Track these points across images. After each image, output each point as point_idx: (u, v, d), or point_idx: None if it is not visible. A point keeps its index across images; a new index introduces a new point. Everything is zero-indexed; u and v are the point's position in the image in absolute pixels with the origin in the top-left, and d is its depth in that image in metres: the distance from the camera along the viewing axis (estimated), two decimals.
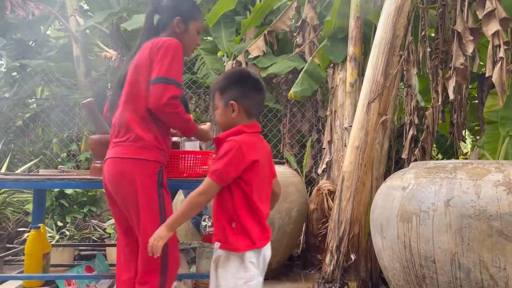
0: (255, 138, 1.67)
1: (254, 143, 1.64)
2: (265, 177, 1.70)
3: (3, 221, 4.28)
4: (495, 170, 2.24)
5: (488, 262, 2.08)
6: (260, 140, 1.71)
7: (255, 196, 1.62)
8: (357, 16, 4.06)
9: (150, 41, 1.86)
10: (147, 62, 1.81)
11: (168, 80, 1.74)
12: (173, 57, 1.78)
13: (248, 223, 1.61)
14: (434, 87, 3.57)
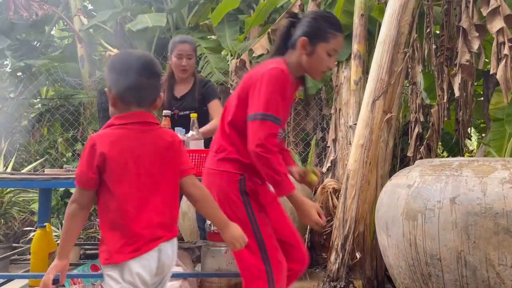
0: (123, 131, 1.40)
1: (113, 136, 1.38)
2: (141, 176, 1.39)
3: (9, 220, 4.30)
4: (501, 167, 2.22)
5: (495, 260, 2.07)
6: (136, 133, 1.41)
7: (123, 199, 1.36)
8: (361, 14, 4.05)
9: (256, 68, 1.82)
10: (245, 91, 1.74)
11: (265, 116, 1.64)
12: (273, 89, 1.66)
13: (105, 231, 1.39)
14: (439, 84, 3.55)
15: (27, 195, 4.39)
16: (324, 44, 1.77)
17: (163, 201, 1.43)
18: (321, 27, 1.78)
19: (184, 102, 2.97)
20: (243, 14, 5.86)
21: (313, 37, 1.77)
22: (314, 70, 1.82)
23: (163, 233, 1.43)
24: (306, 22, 1.82)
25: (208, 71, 5.34)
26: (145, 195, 1.39)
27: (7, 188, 4.05)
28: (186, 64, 2.91)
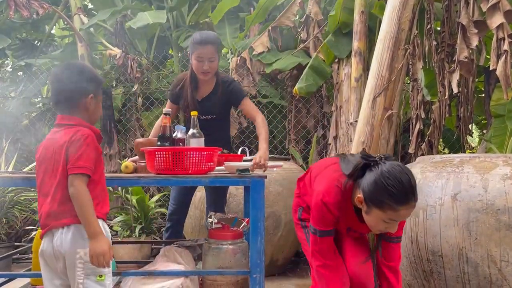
0: (49, 133, 1.74)
1: (46, 138, 1.72)
2: (41, 169, 1.70)
3: (11, 219, 4.31)
4: (502, 163, 2.22)
5: (496, 256, 2.06)
6: (52, 134, 1.72)
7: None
8: (362, 11, 4.04)
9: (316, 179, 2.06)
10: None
11: (314, 231, 1.91)
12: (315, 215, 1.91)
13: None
14: (440, 81, 3.54)
15: (28, 194, 4.40)
16: (379, 211, 1.67)
17: (47, 193, 1.67)
18: (380, 195, 1.65)
19: (205, 106, 2.80)
20: (243, 12, 5.85)
21: (369, 199, 1.69)
22: (370, 226, 1.78)
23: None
24: (370, 178, 1.69)
25: None
26: (46, 187, 1.70)
27: (8, 187, 4.06)
28: (208, 68, 2.69)
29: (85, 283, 1.58)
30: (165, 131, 2.30)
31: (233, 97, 2.84)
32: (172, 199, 3.01)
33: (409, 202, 1.65)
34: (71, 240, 1.59)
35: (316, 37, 4.73)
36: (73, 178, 1.58)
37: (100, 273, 1.62)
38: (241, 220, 2.48)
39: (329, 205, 1.81)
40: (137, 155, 2.52)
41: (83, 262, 1.58)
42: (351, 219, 1.89)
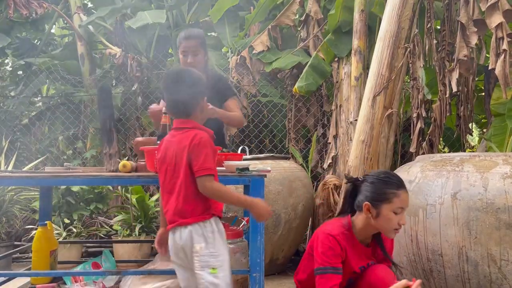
0: (168, 135, 1.86)
1: (164, 140, 1.86)
2: (163, 169, 1.83)
3: (11, 219, 4.31)
4: (502, 162, 2.21)
5: (496, 255, 2.06)
6: (171, 136, 1.84)
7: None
8: (362, 9, 4.03)
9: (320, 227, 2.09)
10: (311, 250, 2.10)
11: (323, 270, 1.93)
12: (321, 250, 1.94)
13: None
14: (441, 80, 3.54)
15: (28, 193, 4.39)
16: (387, 205, 1.86)
17: (170, 191, 1.80)
18: (381, 190, 1.88)
19: None
20: (243, 10, 5.84)
21: (375, 200, 1.88)
22: (385, 230, 1.92)
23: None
24: (366, 187, 1.93)
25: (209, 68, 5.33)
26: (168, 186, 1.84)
27: (8, 186, 4.05)
28: (192, 61, 2.76)
29: (201, 274, 1.71)
30: (164, 130, 2.30)
31: (221, 93, 2.83)
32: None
33: (403, 186, 1.90)
34: (189, 236, 1.73)
35: (316, 36, 4.73)
36: (203, 180, 1.71)
37: (213, 267, 1.72)
38: (240, 219, 2.48)
39: (336, 236, 1.91)
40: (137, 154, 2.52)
41: (199, 256, 1.72)
42: (361, 251, 1.97)
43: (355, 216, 1.99)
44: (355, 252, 1.95)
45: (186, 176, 1.74)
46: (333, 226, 1.98)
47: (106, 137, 4.90)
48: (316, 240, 1.96)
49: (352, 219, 1.98)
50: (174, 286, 2.17)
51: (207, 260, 1.71)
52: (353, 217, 1.98)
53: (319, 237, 1.95)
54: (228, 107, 2.78)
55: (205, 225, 1.74)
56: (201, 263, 1.72)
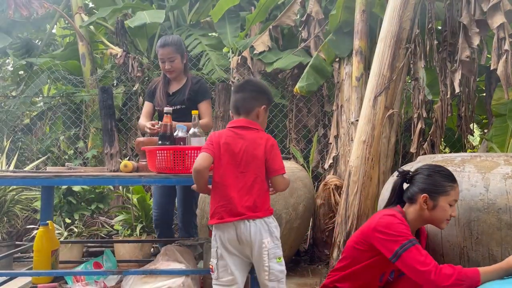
0: (226, 131, 2.02)
1: (220, 133, 2.01)
2: (223, 161, 1.94)
3: (12, 218, 4.31)
4: (504, 163, 2.21)
5: (498, 255, 2.06)
6: (233, 132, 1.99)
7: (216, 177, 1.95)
8: (363, 10, 4.03)
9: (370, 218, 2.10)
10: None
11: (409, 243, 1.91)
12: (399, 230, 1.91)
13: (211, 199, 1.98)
14: (442, 80, 3.54)
15: (29, 193, 4.40)
16: (445, 197, 1.93)
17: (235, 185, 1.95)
18: (439, 183, 1.94)
19: (175, 98, 3.03)
20: (244, 10, 5.85)
21: (433, 192, 1.93)
22: (438, 221, 1.96)
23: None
24: (422, 179, 1.97)
25: (210, 68, 5.33)
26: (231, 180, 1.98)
27: (9, 186, 4.06)
28: (169, 67, 2.96)
29: (270, 265, 1.93)
30: (166, 130, 2.31)
31: (198, 94, 3.03)
32: (154, 205, 3.08)
33: (456, 180, 1.98)
34: (258, 230, 1.91)
35: (317, 36, 4.73)
36: (282, 177, 2.00)
37: (278, 256, 1.95)
38: None
39: (401, 219, 1.91)
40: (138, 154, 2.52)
41: (267, 249, 1.91)
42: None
43: (405, 207, 2.00)
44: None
45: (262, 173, 1.94)
46: (391, 212, 1.95)
47: (107, 137, 4.91)
48: (379, 226, 1.88)
49: (401, 209, 1.99)
50: (176, 286, 2.17)
51: (274, 252, 1.93)
52: (404, 208, 2.00)
53: (384, 221, 1.89)
54: (200, 109, 2.97)
55: (270, 220, 1.96)
56: (269, 255, 1.92)
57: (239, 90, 2.08)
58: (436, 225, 1.99)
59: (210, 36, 5.92)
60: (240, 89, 2.08)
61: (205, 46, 5.54)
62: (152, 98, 3.11)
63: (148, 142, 2.44)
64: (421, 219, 1.97)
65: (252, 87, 2.08)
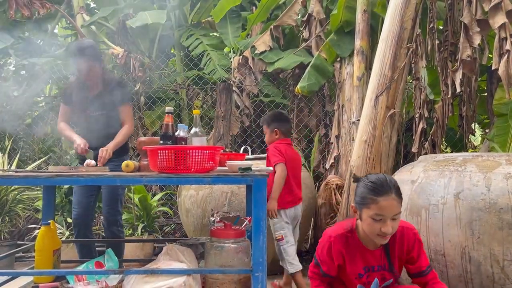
0: (286, 146, 2.98)
1: (283, 145, 2.95)
2: (289, 166, 2.89)
3: (14, 218, 4.32)
4: (505, 162, 2.21)
5: (499, 255, 2.06)
6: (288, 146, 2.99)
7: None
8: (364, 10, 4.03)
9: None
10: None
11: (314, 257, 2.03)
12: (319, 245, 2.00)
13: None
14: (443, 80, 3.54)
15: (31, 193, 4.41)
16: (366, 210, 1.79)
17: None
18: (362, 194, 1.81)
19: (95, 103, 2.93)
20: (245, 10, 5.85)
21: (357, 203, 1.84)
22: (369, 234, 1.82)
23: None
24: (356, 189, 1.88)
25: (211, 68, 5.33)
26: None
27: (11, 185, 4.07)
28: (89, 76, 2.89)
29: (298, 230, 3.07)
30: (167, 130, 2.31)
31: (117, 97, 2.95)
32: (74, 204, 3.00)
33: (388, 193, 1.75)
34: (301, 210, 3.04)
35: (318, 36, 4.73)
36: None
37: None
38: (243, 218, 2.48)
39: (332, 238, 1.91)
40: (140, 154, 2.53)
41: (299, 220, 3.04)
42: (365, 253, 1.92)
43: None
44: (357, 253, 1.92)
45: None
46: (336, 228, 1.98)
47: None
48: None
49: (357, 221, 1.93)
50: (177, 285, 2.17)
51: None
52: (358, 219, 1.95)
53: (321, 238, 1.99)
54: (121, 113, 2.97)
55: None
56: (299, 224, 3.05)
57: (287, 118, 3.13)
58: (372, 239, 1.84)
59: (212, 36, 5.93)
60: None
61: (207, 46, 5.54)
62: (69, 101, 3.00)
63: (150, 141, 2.44)
64: (364, 231, 1.86)
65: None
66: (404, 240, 1.89)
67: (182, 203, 3.77)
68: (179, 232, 4.75)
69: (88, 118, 2.93)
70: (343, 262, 1.92)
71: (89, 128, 2.92)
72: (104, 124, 2.91)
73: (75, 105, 2.96)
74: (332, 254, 1.91)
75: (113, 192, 3.02)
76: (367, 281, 1.92)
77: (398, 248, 1.89)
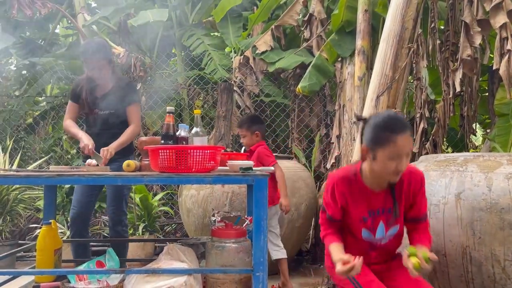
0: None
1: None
2: None
3: (15, 217, 4.33)
4: (506, 162, 2.21)
5: (500, 255, 2.06)
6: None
7: None
8: (365, 9, 4.02)
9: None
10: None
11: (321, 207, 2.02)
12: (325, 191, 1.98)
13: None
14: (444, 80, 3.53)
15: (32, 192, 4.42)
16: (381, 149, 1.74)
17: None
18: (376, 134, 1.77)
19: (104, 102, 2.93)
20: (246, 10, 5.85)
21: (371, 143, 1.78)
22: (382, 174, 1.81)
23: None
24: (367, 129, 1.83)
25: (212, 68, 5.34)
26: None
27: (12, 185, 4.07)
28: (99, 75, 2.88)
29: None
30: (168, 130, 2.31)
31: (127, 97, 2.95)
32: (74, 202, 2.98)
33: (404, 130, 1.73)
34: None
35: (319, 36, 4.73)
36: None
37: None
38: (244, 218, 2.48)
39: (336, 179, 1.90)
40: (141, 154, 2.53)
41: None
42: (369, 196, 1.89)
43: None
44: (361, 196, 1.89)
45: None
46: (340, 170, 2.00)
47: None
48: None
49: (363, 163, 1.90)
50: (178, 285, 2.18)
51: None
52: (363, 162, 1.90)
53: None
54: (129, 112, 2.95)
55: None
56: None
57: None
58: (385, 178, 1.83)
59: (213, 36, 5.93)
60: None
61: (208, 46, 5.54)
62: (77, 98, 2.99)
63: (151, 141, 2.44)
64: (373, 172, 1.84)
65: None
66: (412, 182, 1.88)
67: (183, 202, 3.77)
68: (180, 232, 4.76)
69: (96, 117, 2.94)
70: (346, 204, 1.90)
71: (97, 126, 2.93)
72: (112, 123, 2.92)
73: (83, 103, 2.96)
74: (335, 196, 1.90)
75: (118, 192, 3.02)
76: (372, 226, 1.91)
77: (405, 191, 1.89)
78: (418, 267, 1.68)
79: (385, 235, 1.92)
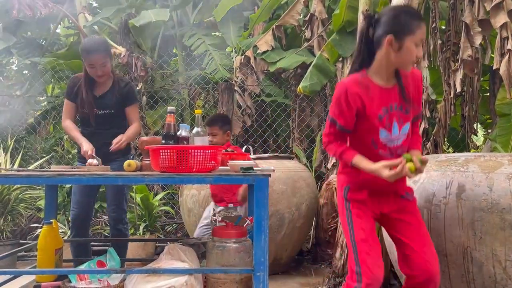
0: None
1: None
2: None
3: (16, 217, 4.33)
4: (507, 162, 2.21)
5: (501, 255, 2.06)
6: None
7: None
8: (366, 9, 4.02)
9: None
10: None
11: (328, 117, 2.01)
12: (334, 98, 1.96)
13: None
14: (446, 80, 3.53)
15: (33, 192, 4.42)
16: (410, 36, 1.82)
17: None
18: (405, 21, 1.83)
19: (103, 101, 2.92)
20: (247, 10, 5.85)
21: (398, 32, 1.82)
22: (405, 63, 1.88)
23: None
24: (387, 20, 1.86)
25: (213, 68, 5.34)
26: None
27: (14, 185, 4.08)
28: (101, 73, 2.84)
29: None
30: (169, 129, 2.31)
31: (126, 98, 2.96)
32: (73, 204, 2.97)
33: (423, 18, 1.89)
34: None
35: (320, 36, 4.73)
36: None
37: None
38: (245, 218, 2.48)
39: (346, 82, 1.91)
40: (142, 153, 2.53)
41: None
42: (380, 93, 1.92)
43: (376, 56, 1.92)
44: (374, 93, 1.91)
45: None
46: (347, 77, 1.98)
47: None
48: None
49: (367, 68, 1.94)
50: (179, 285, 2.18)
51: None
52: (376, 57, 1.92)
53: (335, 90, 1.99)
54: (128, 113, 2.97)
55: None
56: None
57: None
58: (403, 68, 1.91)
59: (214, 36, 5.94)
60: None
61: (209, 46, 5.54)
62: (74, 98, 2.95)
63: (152, 141, 2.44)
64: (388, 63, 1.88)
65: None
66: (414, 78, 1.99)
67: (184, 202, 3.78)
68: (181, 232, 4.76)
69: (94, 116, 2.92)
70: (362, 105, 1.90)
71: (94, 126, 2.92)
72: (110, 123, 2.91)
73: (81, 102, 2.93)
74: (349, 100, 1.89)
75: (119, 191, 3.02)
76: (388, 123, 1.92)
77: (410, 85, 1.97)
78: (413, 170, 1.82)
79: (399, 133, 1.95)
